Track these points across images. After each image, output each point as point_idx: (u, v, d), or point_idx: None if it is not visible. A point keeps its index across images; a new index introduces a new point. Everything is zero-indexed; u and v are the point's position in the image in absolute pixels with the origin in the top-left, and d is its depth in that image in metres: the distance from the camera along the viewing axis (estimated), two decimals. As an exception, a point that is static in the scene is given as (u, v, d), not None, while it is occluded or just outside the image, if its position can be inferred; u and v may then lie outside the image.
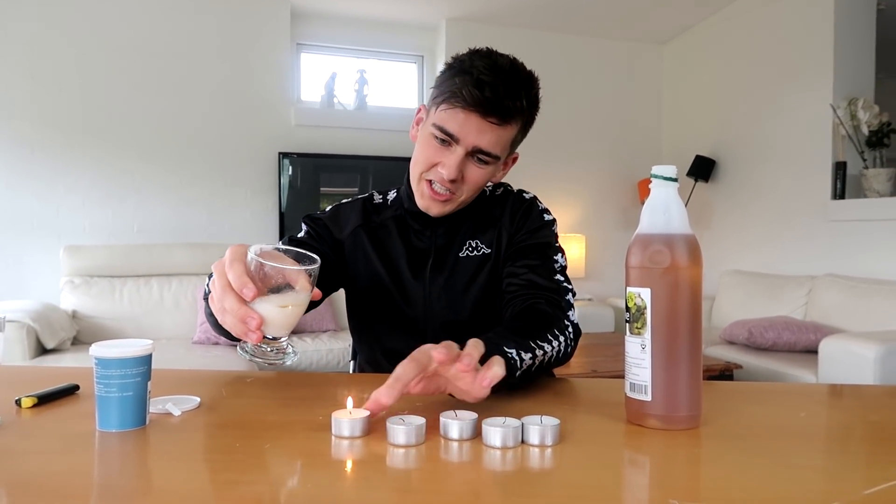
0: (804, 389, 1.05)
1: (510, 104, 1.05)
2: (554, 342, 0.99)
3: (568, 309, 1.11)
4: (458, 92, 1.04)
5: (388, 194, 1.28)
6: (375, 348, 1.23)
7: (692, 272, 0.75)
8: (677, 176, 0.77)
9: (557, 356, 1.01)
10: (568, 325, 1.07)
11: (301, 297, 0.80)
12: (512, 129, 1.09)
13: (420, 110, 1.19)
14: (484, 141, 1.07)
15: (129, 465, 0.68)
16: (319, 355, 3.61)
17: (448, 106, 1.07)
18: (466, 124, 1.06)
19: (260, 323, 0.76)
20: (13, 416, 0.81)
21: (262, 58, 4.43)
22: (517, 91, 1.06)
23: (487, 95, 1.03)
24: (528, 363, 0.91)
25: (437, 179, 1.11)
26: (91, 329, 3.67)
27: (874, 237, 3.64)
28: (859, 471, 0.67)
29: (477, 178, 1.11)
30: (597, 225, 5.17)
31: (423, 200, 1.15)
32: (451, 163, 1.08)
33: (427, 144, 1.11)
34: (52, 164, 3.98)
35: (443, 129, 1.07)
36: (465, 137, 1.07)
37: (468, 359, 0.73)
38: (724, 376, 2.99)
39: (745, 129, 4.56)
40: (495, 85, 1.03)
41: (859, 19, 3.93)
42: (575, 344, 1.08)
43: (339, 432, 0.73)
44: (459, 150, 1.08)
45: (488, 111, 1.05)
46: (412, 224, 1.21)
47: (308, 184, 4.45)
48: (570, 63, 5.07)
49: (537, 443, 0.70)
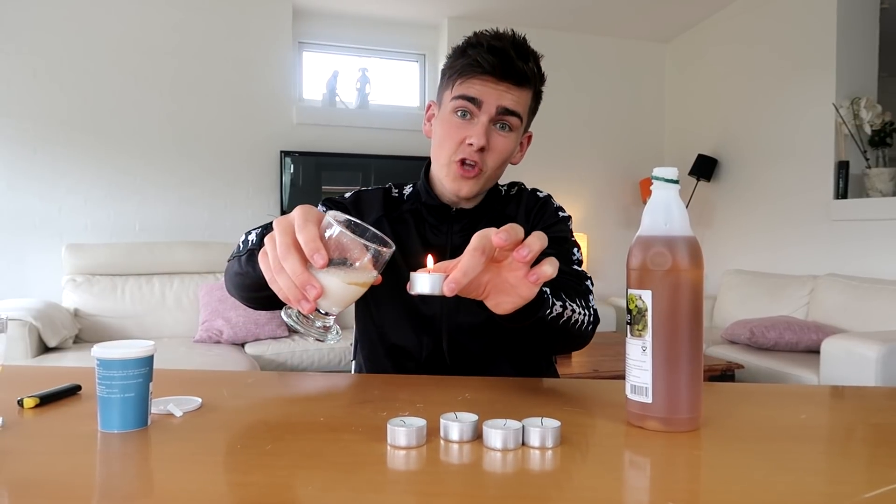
0: (805, 391, 1.05)
1: (523, 66, 1.10)
2: (579, 309, 0.99)
3: (589, 293, 1.11)
4: (473, 62, 1.09)
5: (405, 188, 1.28)
6: (379, 345, 1.21)
7: (693, 274, 0.75)
8: (678, 177, 0.77)
9: (579, 328, 1.00)
10: (591, 305, 1.07)
11: (370, 277, 0.75)
12: (527, 93, 1.13)
13: (430, 107, 1.21)
14: (506, 100, 1.10)
15: (130, 466, 0.68)
16: (321, 354, 3.61)
17: (464, 78, 1.10)
18: (485, 88, 1.09)
19: (319, 294, 0.71)
20: (15, 417, 0.81)
21: (263, 56, 4.43)
22: (526, 55, 1.11)
23: (501, 59, 1.08)
24: (558, 311, 0.92)
25: (467, 154, 1.11)
26: (93, 327, 3.67)
27: (876, 237, 3.64)
28: (860, 474, 0.67)
29: (502, 147, 1.13)
30: (598, 224, 5.16)
31: (455, 183, 1.14)
32: (478, 130, 1.09)
33: (449, 125, 1.12)
34: (54, 163, 3.99)
35: (464, 97, 1.10)
36: (488, 100, 1.09)
37: (527, 249, 0.71)
38: (726, 376, 2.98)
39: (747, 128, 4.56)
40: (505, 50, 1.08)
41: (862, 18, 3.92)
42: (593, 329, 1.07)
43: (418, 288, 0.73)
44: (483, 117, 1.10)
45: (505, 73, 1.09)
46: (428, 219, 1.21)
47: (310, 182, 4.45)
48: (573, 61, 5.06)
49: (538, 445, 0.70)
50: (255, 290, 1.00)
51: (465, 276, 0.71)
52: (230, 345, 3.57)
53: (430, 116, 1.21)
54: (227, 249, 4.10)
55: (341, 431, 0.76)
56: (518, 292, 0.76)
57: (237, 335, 3.60)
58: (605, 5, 4.64)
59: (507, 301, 0.77)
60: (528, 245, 0.72)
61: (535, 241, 0.72)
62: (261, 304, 1.06)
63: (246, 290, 1.03)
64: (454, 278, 0.71)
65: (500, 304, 0.78)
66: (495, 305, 0.79)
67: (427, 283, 0.72)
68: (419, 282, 0.72)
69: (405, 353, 1.17)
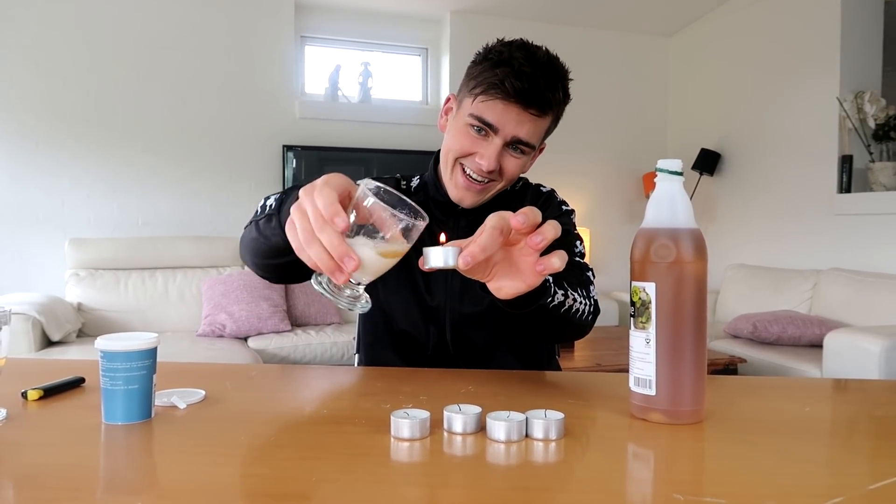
0: (808, 384, 1.05)
1: (550, 96, 1.07)
2: (580, 298, 0.99)
3: (590, 283, 1.10)
4: (499, 83, 1.05)
5: (412, 180, 1.28)
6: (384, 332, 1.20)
7: (697, 266, 0.75)
8: (682, 170, 0.77)
9: (580, 317, 1.00)
10: (592, 295, 1.07)
11: (402, 247, 0.73)
12: (548, 120, 1.11)
13: (449, 100, 1.19)
14: (523, 131, 1.08)
15: (134, 458, 0.68)
16: (323, 348, 3.61)
17: (487, 97, 1.07)
18: (506, 114, 1.07)
19: (357, 266, 0.69)
20: (19, 409, 0.81)
21: (266, 50, 4.42)
22: (555, 83, 1.08)
23: (529, 86, 1.04)
24: (560, 299, 0.92)
25: (475, 169, 1.10)
26: (96, 321, 3.68)
27: (880, 231, 3.63)
28: (864, 466, 0.67)
29: (513, 169, 1.12)
30: (602, 218, 5.15)
31: (458, 191, 1.14)
32: (490, 153, 1.08)
33: (462, 134, 1.11)
34: (57, 157, 3.99)
35: (481, 119, 1.08)
36: (504, 127, 1.07)
37: (541, 237, 0.71)
38: (729, 370, 2.98)
39: (750, 122, 4.54)
40: (535, 76, 1.05)
41: (866, 12, 3.90)
42: (594, 319, 1.07)
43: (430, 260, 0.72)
44: (497, 140, 1.08)
45: (529, 102, 1.06)
46: (436, 213, 1.20)
47: (312, 176, 4.32)
48: (576, 55, 5.00)
49: (541, 437, 0.70)
50: (270, 257, 0.98)
51: (482, 252, 0.71)
52: (233, 339, 3.58)
53: (447, 110, 1.19)
54: (230, 244, 4.11)
55: (345, 423, 0.76)
56: (523, 278, 0.76)
57: (240, 329, 3.60)
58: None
59: (511, 286, 0.77)
60: (542, 232, 0.72)
61: (549, 229, 0.72)
62: (274, 271, 1.03)
63: (261, 257, 1.00)
64: (471, 252, 0.70)
65: (503, 288, 0.77)
66: (497, 289, 0.78)
67: (441, 257, 0.71)
68: (433, 255, 0.72)
69: (410, 340, 1.18)
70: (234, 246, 4.12)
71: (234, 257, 4.08)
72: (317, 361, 3.59)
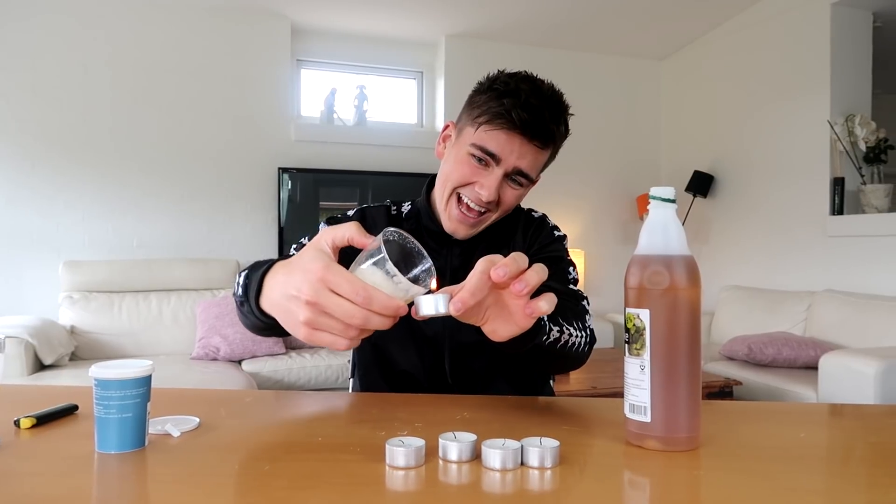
0: (804, 409, 1.05)
1: (554, 129, 1.08)
2: (575, 332, 0.98)
3: (585, 314, 1.10)
4: (505, 113, 1.05)
5: (403, 206, 1.27)
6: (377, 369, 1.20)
7: (691, 293, 0.75)
8: (675, 197, 0.77)
9: (576, 350, 0.99)
10: (588, 326, 1.06)
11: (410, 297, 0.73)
12: (547, 153, 1.12)
13: (447, 127, 1.19)
14: (524, 163, 1.08)
15: (128, 487, 0.67)
16: (318, 371, 3.60)
17: (491, 126, 1.07)
18: (509, 144, 1.07)
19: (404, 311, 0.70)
20: (12, 437, 0.81)
21: (262, 74, 4.45)
22: (559, 116, 1.09)
23: (534, 118, 1.05)
24: (555, 335, 0.91)
25: (474, 199, 1.10)
26: (89, 345, 3.66)
27: (873, 253, 3.65)
28: (861, 493, 0.67)
29: (511, 200, 1.12)
30: (596, 240, 5.17)
31: (451, 223, 1.14)
32: (491, 183, 1.08)
33: (463, 163, 1.11)
34: (52, 179, 3.99)
35: (483, 149, 1.08)
36: (507, 158, 1.07)
37: (523, 283, 0.71)
38: (724, 393, 2.98)
39: (743, 144, 4.58)
40: (541, 108, 1.06)
41: (856, 36, 3.96)
42: (590, 349, 1.07)
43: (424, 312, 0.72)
44: (498, 171, 1.08)
45: (534, 134, 1.06)
46: (429, 241, 1.19)
47: (307, 199, 4.46)
48: (569, 79, 5.05)
49: (537, 465, 0.70)
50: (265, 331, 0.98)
51: (472, 297, 0.71)
52: (227, 362, 3.56)
53: (445, 137, 1.19)
54: (225, 266, 4.11)
55: (339, 451, 0.75)
56: (515, 321, 0.76)
57: (234, 352, 3.58)
58: (602, 23, 4.68)
59: (505, 329, 0.77)
60: (526, 280, 0.71)
61: (533, 276, 0.72)
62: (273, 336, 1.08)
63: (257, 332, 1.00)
64: (461, 298, 0.71)
65: (497, 331, 0.78)
66: (492, 332, 0.78)
67: (432, 304, 0.72)
68: (424, 303, 0.72)
69: (407, 378, 1.17)
70: (229, 268, 4.12)
71: (229, 279, 4.07)
72: (311, 385, 3.57)
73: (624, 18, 4.60)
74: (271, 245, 4.40)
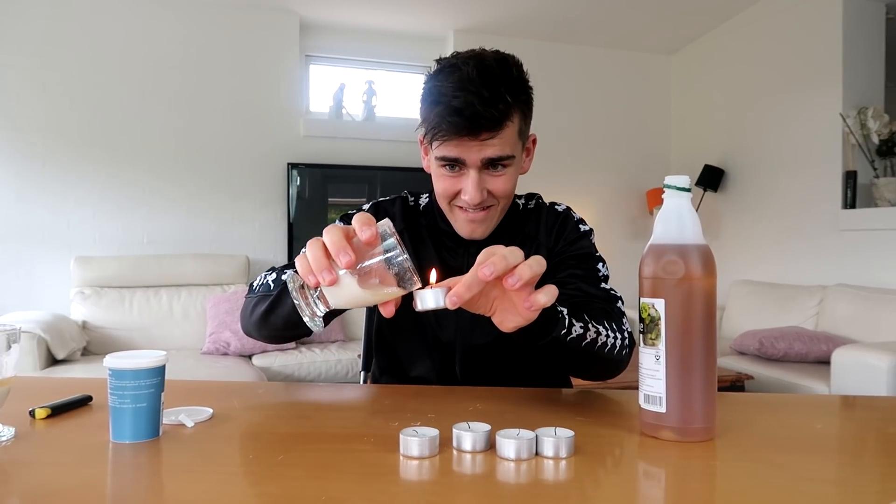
0: (818, 401, 1.04)
1: (494, 112, 1.00)
2: (606, 332, 0.94)
3: (621, 315, 1.07)
4: (439, 125, 1.02)
5: (421, 198, 1.25)
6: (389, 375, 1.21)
7: (706, 282, 0.75)
8: (690, 186, 0.77)
9: (609, 351, 0.95)
10: (625, 329, 1.03)
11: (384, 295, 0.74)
12: (511, 126, 1.04)
13: (421, 141, 1.15)
14: (489, 151, 1.03)
15: (142, 477, 0.68)
16: (328, 366, 3.61)
17: (438, 140, 1.04)
18: (462, 147, 1.03)
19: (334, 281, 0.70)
20: (27, 428, 0.81)
21: (271, 69, 4.46)
22: (496, 93, 1.00)
23: (466, 118, 0.99)
24: (579, 331, 0.87)
25: (467, 205, 1.09)
26: (101, 339, 3.68)
27: (885, 247, 3.62)
28: (876, 483, 0.66)
29: (503, 186, 1.08)
30: (606, 235, 5.15)
31: (463, 229, 1.12)
32: (470, 186, 1.05)
33: (440, 177, 1.09)
34: (62, 177, 4.01)
35: (445, 159, 1.05)
36: (470, 158, 1.04)
37: (515, 278, 0.71)
38: (736, 387, 2.96)
39: (754, 138, 4.55)
40: (469, 103, 0.98)
41: (868, 28, 3.93)
42: (629, 354, 1.03)
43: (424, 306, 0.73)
44: (472, 171, 1.05)
45: (476, 130, 1.01)
46: (446, 241, 1.18)
47: (316, 194, 4.46)
48: (579, 73, 5.07)
49: (551, 455, 0.69)
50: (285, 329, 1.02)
51: (467, 291, 0.71)
52: (237, 357, 3.57)
53: (425, 150, 1.15)
54: (235, 261, 4.12)
55: (353, 442, 0.75)
56: (519, 312, 0.76)
57: (244, 347, 3.60)
58: (611, 17, 4.66)
59: (511, 320, 0.77)
60: (518, 274, 0.71)
61: (525, 270, 0.71)
62: (282, 339, 1.09)
63: (273, 329, 1.03)
64: (456, 292, 0.71)
65: (505, 321, 0.78)
66: (500, 322, 0.78)
67: (431, 298, 0.72)
68: (422, 297, 0.72)
69: (420, 383, 1.17)
70: (239, 264, 4.13)
71: (239, 274, 4.08)
72: (321, 379, 3.58)
73: (634, 12, 4.57)
74: (280, 241, 4.41)
